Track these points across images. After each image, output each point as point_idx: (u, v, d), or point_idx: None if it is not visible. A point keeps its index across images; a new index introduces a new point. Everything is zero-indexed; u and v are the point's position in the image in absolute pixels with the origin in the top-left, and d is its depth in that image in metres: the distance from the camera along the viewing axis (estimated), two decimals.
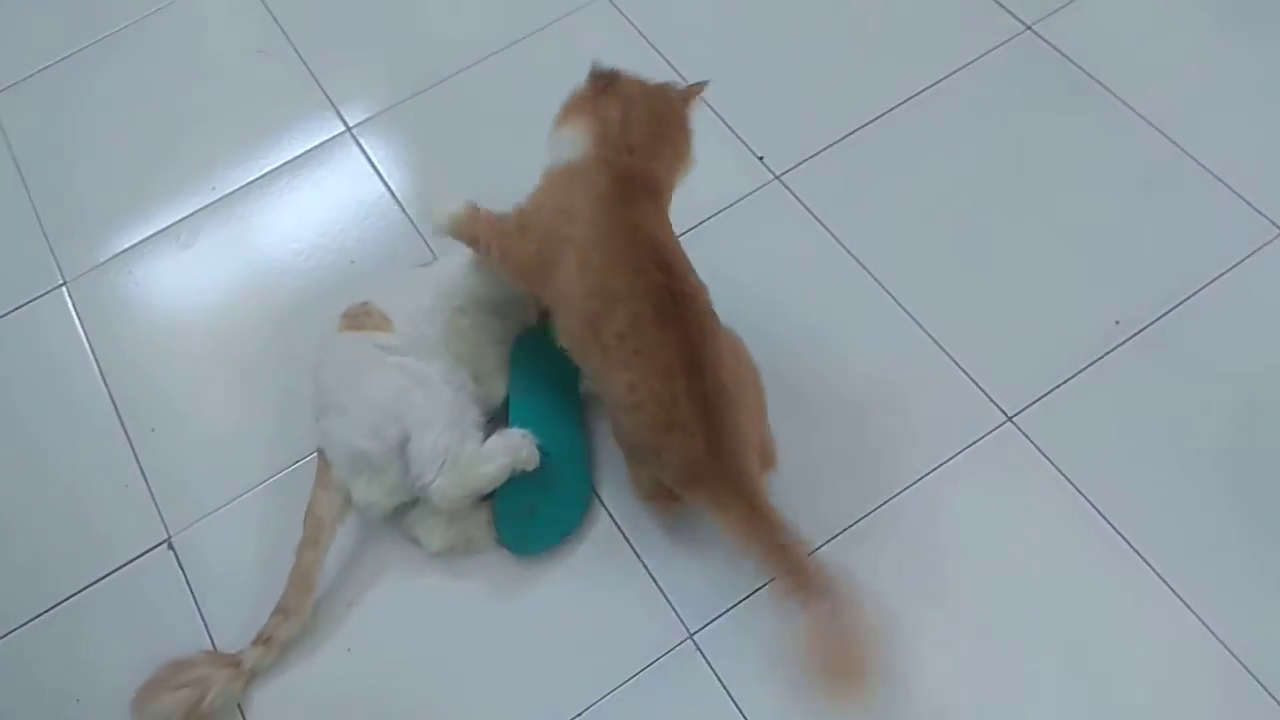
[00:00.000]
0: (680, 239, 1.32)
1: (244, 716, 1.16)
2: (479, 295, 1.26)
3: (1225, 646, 1.11)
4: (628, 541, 1.22)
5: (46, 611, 1.24)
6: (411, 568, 1.22)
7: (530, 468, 1.18)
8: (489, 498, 1.21)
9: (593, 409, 1.28)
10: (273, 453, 1.30)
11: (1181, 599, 1.14)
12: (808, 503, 1.22)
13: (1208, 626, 1.12)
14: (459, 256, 1.28)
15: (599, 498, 1.25)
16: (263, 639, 1.16)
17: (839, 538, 1.20)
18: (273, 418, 1.33)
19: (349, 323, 1.25)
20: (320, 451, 1.23)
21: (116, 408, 1.37)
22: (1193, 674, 1.11)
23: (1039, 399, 1.27)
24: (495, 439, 1.18)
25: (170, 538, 1.28)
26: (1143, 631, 1.14)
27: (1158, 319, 1.32)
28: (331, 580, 1.22)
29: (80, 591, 1.25)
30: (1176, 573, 1.15)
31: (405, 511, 1.22)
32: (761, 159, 1.49)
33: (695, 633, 1.17)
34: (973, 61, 1.54)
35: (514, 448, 1.17)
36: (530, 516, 1.21)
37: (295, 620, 1.17)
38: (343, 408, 1.20)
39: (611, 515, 1.24)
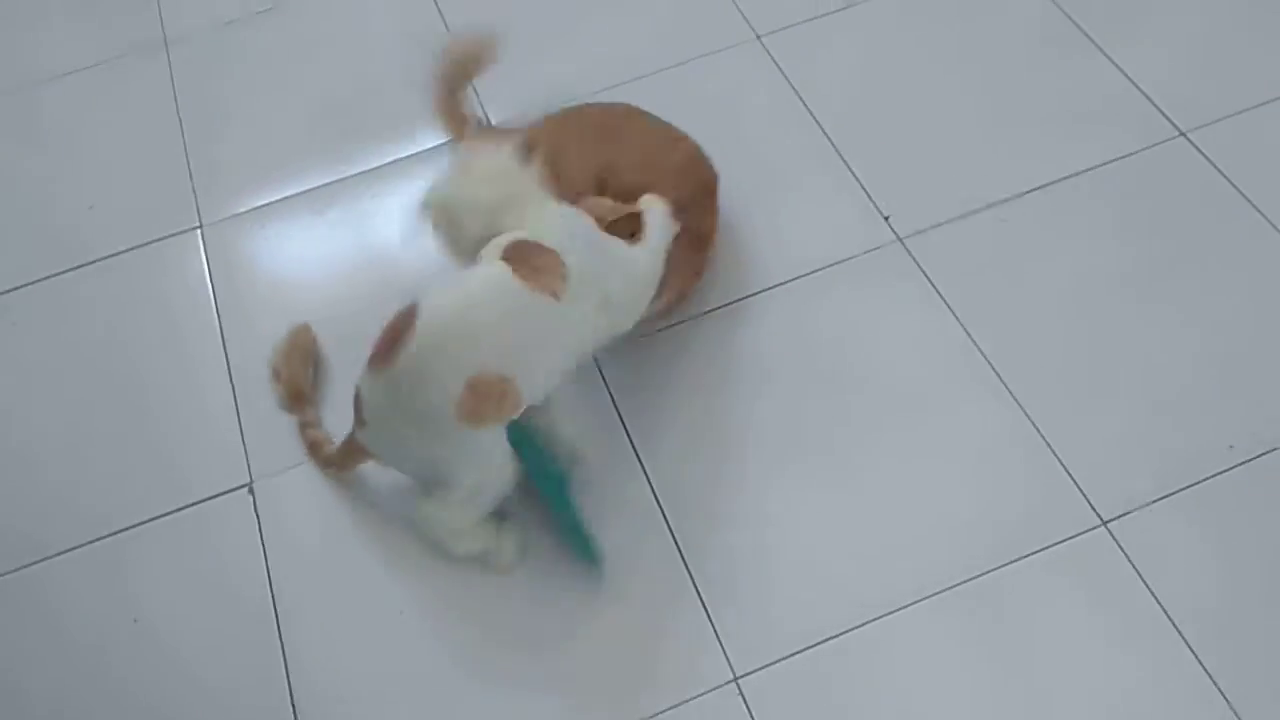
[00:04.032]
0: (785, 286, 1.42)
1: (290, 683, 1.18)
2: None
3: None
4: (686, 568, 1.21)
5: (117, 533, 1.29)
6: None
7: (492, 566, 1.21)
8: (501, 517, 1.21)
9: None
10: None
11: None
12: (884, 571, 1.20)
13: None
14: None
15: (665, 520, 1.24)
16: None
17: (913, 607, 1.17)
18: None
19: None
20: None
21: (226, 349, 1.43)
22: None
23: (1137, 509, 1.22)
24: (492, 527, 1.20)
25: (252, 482, 1.31)
26: None
27: (1273, 450, 1.25)
28: (400, 553, 1.25)
29: (155, 519, 1.29)
30: None
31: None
32: (887, 219, 1.47)
33: (740, 677, 1.14)
34: (1120, 158, 1.51)
35: (492, 549, 1.20)
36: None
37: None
38: None
39: (675, 538, 1.23)
